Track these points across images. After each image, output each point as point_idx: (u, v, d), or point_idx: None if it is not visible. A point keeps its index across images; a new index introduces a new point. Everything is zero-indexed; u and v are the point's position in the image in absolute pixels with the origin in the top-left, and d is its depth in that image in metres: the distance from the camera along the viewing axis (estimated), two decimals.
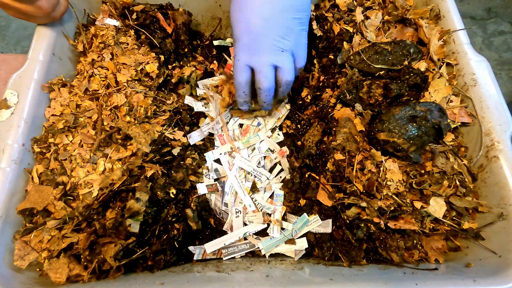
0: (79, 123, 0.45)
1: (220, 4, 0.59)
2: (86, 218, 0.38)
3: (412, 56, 0.46)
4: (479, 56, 0.44)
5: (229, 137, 0.53)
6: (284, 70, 0.43)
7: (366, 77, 0.47)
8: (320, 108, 0.49)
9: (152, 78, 0.51)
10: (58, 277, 0.36)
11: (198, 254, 0.44)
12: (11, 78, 0.42)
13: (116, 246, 0.37)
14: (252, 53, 0.42)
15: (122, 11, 0.53)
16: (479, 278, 0.33)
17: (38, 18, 0.43)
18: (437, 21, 0.48)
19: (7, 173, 0.38)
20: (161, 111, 0.49)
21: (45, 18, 0.44)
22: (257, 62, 0.42)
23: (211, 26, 0.63)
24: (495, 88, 0.41)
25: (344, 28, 0.50)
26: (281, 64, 0.42)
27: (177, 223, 0.42)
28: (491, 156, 0.39)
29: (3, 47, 1.43)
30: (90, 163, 0.42)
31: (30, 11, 0.41)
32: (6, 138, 0.39)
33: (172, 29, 0.54)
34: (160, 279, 0.36)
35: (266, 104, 0.47)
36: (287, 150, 0.51)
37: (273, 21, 0.41)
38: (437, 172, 0.40)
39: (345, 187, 0.40)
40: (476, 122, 0.41)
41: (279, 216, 0.46)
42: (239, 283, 0.34)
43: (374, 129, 0.41)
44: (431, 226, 0.39)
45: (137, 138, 0.43)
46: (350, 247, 0.40)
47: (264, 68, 0.42)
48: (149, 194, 0.39)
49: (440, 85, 0.44)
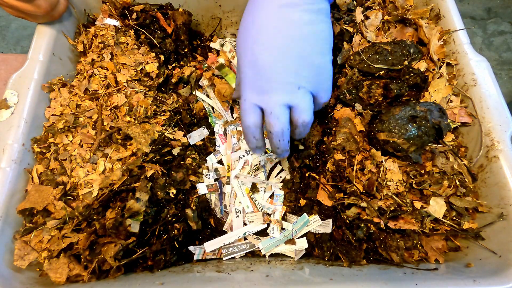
0: (79, 123, 0.45)
1: (220, 4, 0.59)
2: (86, 218, 0.38)
3: (412, 56, 0.46)
4: (479, 56, 0.44)
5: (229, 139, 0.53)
6: (300, 110, 0.35)
7: (366, 77, 0.47)
8: None
9: (152, 78, 0.51)
10: (58, 277, 0.36)
11: (198, 254, 0.44)
12: (11, 78, 0.42)
13: (116, 246, 0.37)
14: (260, 91, 0.35)
15: (122, 11, 0.53)
16: (479, 278, 0.33)
17: (37, 17, 0.43)
18: (437, 21, 0.48)
19: (7, 173, 0.38)
20: (161, 111, 0.49)
21: (44, 17, 0.44)
22: (267, 102, 0.35)
23: (211, 26, 0.63)
24: (495, 88, 0.41)
25: (344, 28, 0.50)
26: (296, 103, 0.35)
27: (177, 223, 0.42)
28: (491, 156, 0.39)
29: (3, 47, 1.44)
30: (90, 163, 0.42)
31: (29, 10, 0.40)
32: (6, 138, 0.39)
33: (172, 29, 0.54)
34: (160, 279, 0.36)
35: (280, 150, 0.38)
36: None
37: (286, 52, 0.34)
38: (437, 172, 0.40)
39: (345, 187, 0.40)
40: (476, 122, 0.41)
41: (279, 216, 0.46)
42: (239, 283, 0.34)
43: (374, 129, 0.41)
44: (431, 226, 0.39)
45: (137, 138, 0.43)
46: (350, 247, 0.40)
47: (276, 109, 0.35)
48: (149, 194, 0.39)
49: (440, 85, 0.44)
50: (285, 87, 0.34)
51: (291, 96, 0.35)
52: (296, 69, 0.34)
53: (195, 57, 0.60)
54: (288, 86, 0.34)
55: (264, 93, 0.35)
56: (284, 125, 0.36)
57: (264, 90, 0.35)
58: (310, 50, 0.35)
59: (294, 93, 0.35)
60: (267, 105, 0.35)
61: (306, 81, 0.35)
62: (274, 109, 0.35)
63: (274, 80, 0.34)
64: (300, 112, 0.35)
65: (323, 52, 0.36)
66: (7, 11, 0.41)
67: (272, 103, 0.35)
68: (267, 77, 0.34)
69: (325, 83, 0.37)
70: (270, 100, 0.35)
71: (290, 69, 0.34)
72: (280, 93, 0.34)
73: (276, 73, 0.34)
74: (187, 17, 0.56)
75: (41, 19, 0.45)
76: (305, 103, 0.35)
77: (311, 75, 0.35)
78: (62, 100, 0.45)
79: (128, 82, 0.48)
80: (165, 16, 0.55)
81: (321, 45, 0.36)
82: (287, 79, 0.34)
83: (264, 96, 0.35)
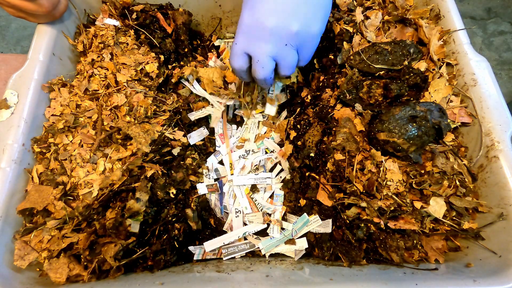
0: (79, 123, 0.45)
1: (220, 4, 0.59)
2: (86, 218, 0.38)
3: (412, 56, 0.46)
4: (479, 56, 0.44)
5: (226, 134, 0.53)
6: (284, 66, 0.39)
7: (366, 77, 0.47)
8: (320, 108, 0.49)
9: (152, 78, 0.51)
10: (58, 277, 0.36)
11: (198, 254, 0.44)
12: (11, 78, 0.42)
13: (116, 246, 0.37)
14: (252, 38, 0.38)
15: (122, 11, 0.53)
16: (479, 278, 0.33)
17: (38, 16, 0.43)
18: (437, 21, 0.48)
19: (7, 173, 0.38)
20: (161, 111, 0.49)
21: (45, 16, 0.44)
22: (255, 50, 0.38)
23: (211, 26, 0.63)
24: (495, 88, 0.41)
25: (344, 28, 0.50)
26: (282, 57, 0.39)
27: (177, 223, 0.43)
28: (491, 156, 0.39)
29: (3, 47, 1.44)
30: (90, 163, 0.42)
31: (31, 9, 0.40)
32: (6, 138, 0.39)
33: (172, 29, 0.54)
34: (160, 279, 0.36)
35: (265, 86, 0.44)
36: (289, 150, 0.51)
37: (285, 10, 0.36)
38: (437, 172, 0.40)
39: (345, 187, 0.40)
40: (476, 122, 0.41)
41: (279, 216, 0.46)
42: (239, 283, 0.34)
43: (374, 129, 0.41)
44: (431, 226, 0.39)
45: (137, 138, 0.43)
46: (350, 247, 0.40)
47: (263, 58, 0.38)
48: (149, 194, 0.39)
49: (440, 85, 0.44)
50: (275, 40, 0.37)
51: (279, 50, 0.38)
52: (289, 27, 0.37)
53: (195, 57, 0.60)
54: (278, 40, 0.37)
55: (254, 40, 0.38)
56: (267, 74, 0.40)
57: (255, 38, 0.37)
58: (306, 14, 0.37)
59: (281, 47, 0.38)
60: (255, 53, 0.38)
61: (294, 40, 0.38)
62: (260, 57, 0.38)
63: (267, 31, 0.37)
64: (283, 68, 0.40)
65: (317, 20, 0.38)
66: (7, 11, 0.41)
67: (260, 52, 0.38)
68: (261, 27, 0.37)
69: (309, 50, 0.41)
70: (259, 49, 0.38)
71: (284, 25, 0.36)
72: (270, 44, 0.37)
73: (270, 25, 0.36)
74: (187, 17, 0.56)
75: (42, 18, 0.44)
76: (290, 60, 0.39)
77: (301, 37, 0.38)
78: (62, 100, 0.45)
79: (128, 82, 0.48)
80: (165, 16, 0.55)
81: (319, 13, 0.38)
82: (279, 33, 0.37)
83: (254, 44, 0.38)
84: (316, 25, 0.38)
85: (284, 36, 0.37)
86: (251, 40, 0.38)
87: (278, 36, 0.37)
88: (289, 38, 0.37)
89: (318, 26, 0.39)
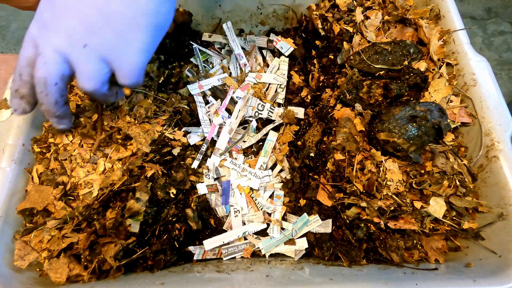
0: (79, 123, 0.45)
1: (220, 4, 0.59)
2: (86, 218, 0.38)
3: (412, 56, 0.46)
4: (479, 56, 0.44)
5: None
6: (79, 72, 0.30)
7: (366, 77, 0.47)
8: (320, 108, 0.49)
9: (152, 78, 0.51)
10: (58, 277, 0.36)
11: (198, 254, 0.44)
12: (11, 78, 0.42)
13: (116, 246, 0.37)
14: (43, 25, 0.30)
15: None
16: (479, 278, 0.33)
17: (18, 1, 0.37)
18: (437, 21, 0.48)
19: (7, 173, 0.38)
20: (161, 111, 0.49)
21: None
22: (42, 40, 0.30)
23: (211, 26, 0.63)
24: (495, 88, 0.41)
25: (344, 28, 0.50)
26: (75, 62, 0.30)
27: (177, 223, 0.43)
28: (491, 156, 0.39)
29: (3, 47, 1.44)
30: (90, 163, 0.42)
31: None
32: (6, 138, 0.39)
33: (172, 29, 0.54)
34: (160, 279, 0.36)
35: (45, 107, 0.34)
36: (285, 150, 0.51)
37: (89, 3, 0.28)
38: (437, 172, 0.40)
39: (345, 187, 0.40)
40: (476, 122, 0.41)
41: (279, 216, 0.46)
42: (239, 283, 0.34)
43: (374, 129, 0.41)
44: (431, 226, 0.39)
45: (137, 138, 0.43)
46: (350, 247, 0.40)
47: (47, 51, 0.29)
48: (149, 194, 0.39)
49: (440, 85, 0.44)
50: (69, 35, 0.29)
51: (72, 50, 0.29)
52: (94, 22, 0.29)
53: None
54: (73, 36, 0.29)
55: (44, 29, 0.30)
56: (50, 75, 0.30)
57: (46, 26, 0.30)
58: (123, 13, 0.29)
59: (76, 48, 0.29)
60: (40, 44, 0.30)
61: (97, 42, 0.29)
62: (45, 50, 0.30)
63: (61, 20, 0.29)
64: (78, 75, 0.30)
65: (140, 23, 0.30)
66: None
67: (46, 43, 0.30)
68: (56, 15, 0.29)
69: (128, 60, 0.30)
70: (46, 39, 0.30)
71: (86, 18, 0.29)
72: (61, 38, 0.29)
73: (68, 15, 0.29)
74: (187, 17, 0.56)
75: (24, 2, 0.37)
76: (85, 67, 0.30)
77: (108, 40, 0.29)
78: None
79: None
80: None
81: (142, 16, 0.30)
82: (76, 28, 0.29)
83: (43, 33, 0.30)
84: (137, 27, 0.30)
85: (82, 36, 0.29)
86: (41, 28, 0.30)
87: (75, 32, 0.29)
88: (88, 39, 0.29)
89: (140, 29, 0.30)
